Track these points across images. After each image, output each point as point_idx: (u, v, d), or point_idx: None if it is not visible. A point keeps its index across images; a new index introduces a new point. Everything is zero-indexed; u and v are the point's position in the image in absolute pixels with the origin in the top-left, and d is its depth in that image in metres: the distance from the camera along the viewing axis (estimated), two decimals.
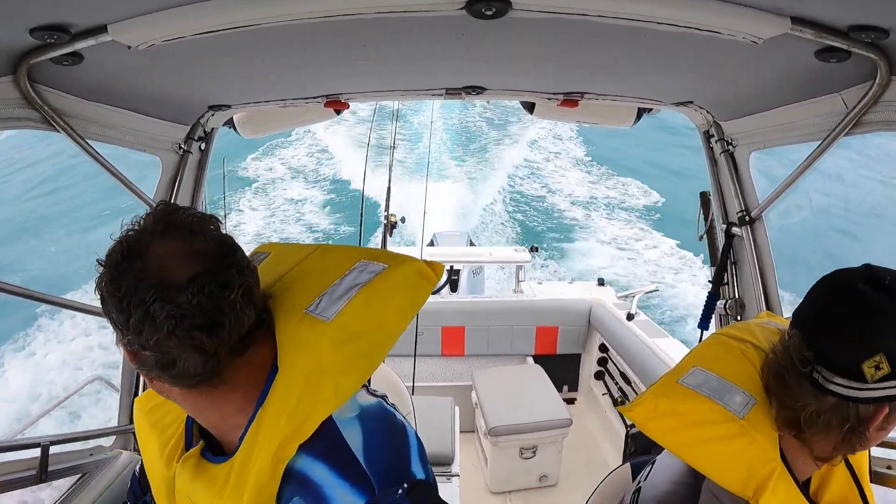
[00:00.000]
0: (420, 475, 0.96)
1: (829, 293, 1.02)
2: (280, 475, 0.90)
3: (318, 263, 1.10)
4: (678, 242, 14.46)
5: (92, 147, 1.82)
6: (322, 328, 0.95)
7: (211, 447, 1.03)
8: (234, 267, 0.88)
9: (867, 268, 1.00)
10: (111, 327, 0.90)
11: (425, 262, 1.08)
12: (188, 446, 1.05)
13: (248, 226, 15.51)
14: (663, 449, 1.23)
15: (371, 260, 1.06)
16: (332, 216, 16.14)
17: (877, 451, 1.03)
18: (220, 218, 0.96)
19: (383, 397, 1.10)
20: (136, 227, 0.89)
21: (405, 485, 0.92)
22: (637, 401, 1.20)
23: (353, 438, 0.95)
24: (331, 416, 0.94)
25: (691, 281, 13.01)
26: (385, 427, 1.01)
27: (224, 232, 0.94)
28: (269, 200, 17.32)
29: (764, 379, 1.10)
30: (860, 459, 1.15)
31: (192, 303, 0.83)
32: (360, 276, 1.02)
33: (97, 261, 0.89)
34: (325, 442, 0.93)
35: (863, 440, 1.01)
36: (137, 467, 1.30)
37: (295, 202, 17.17)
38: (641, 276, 13.47)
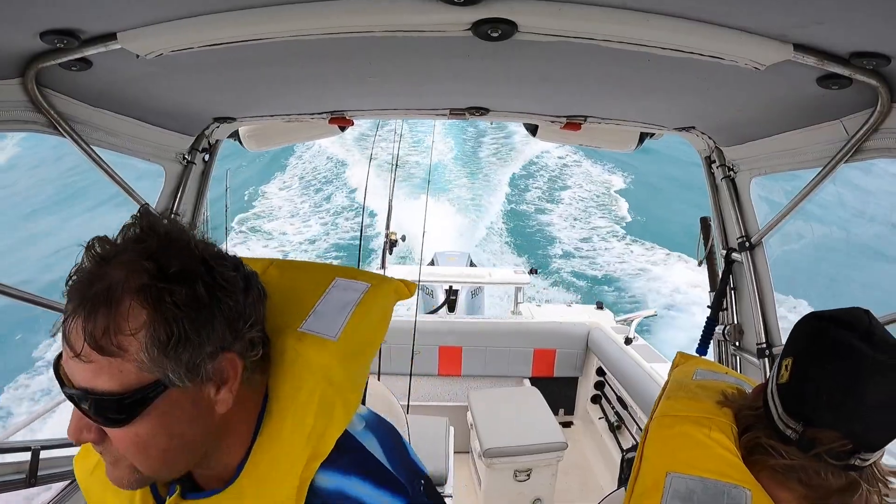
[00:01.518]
0: (424, 469, 1.01)
1: (840, 375, 0.91)
2: (304, 495, 0.86)
3: (283, 280, 1.05)
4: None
5: (96, 153, 1.83)
6: (331, 347, 0.94)
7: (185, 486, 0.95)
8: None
9: (850, 321, 0.92)
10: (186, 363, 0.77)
11: (401, 280, 1.14)
12: (157, 495, 0.95)
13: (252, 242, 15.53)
14: None
15: (347, 278, 1.07)
16: (333, 232, 16.12)
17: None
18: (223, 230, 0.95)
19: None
20: (144, 232, 0.78)
21: (421, 480, 0.96)
22: None
23: (374, 448, 0.95)
24: (346, 431, 0.93)
25: None
26: (387, 431, 1.02)
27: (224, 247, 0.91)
28: (268, 211, 17.33)
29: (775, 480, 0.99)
30: None
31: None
32: (347, 294, 1.03)
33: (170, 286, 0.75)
34: (352, 455, 0.92)
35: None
36: None
37: (295, 216, 17.19)
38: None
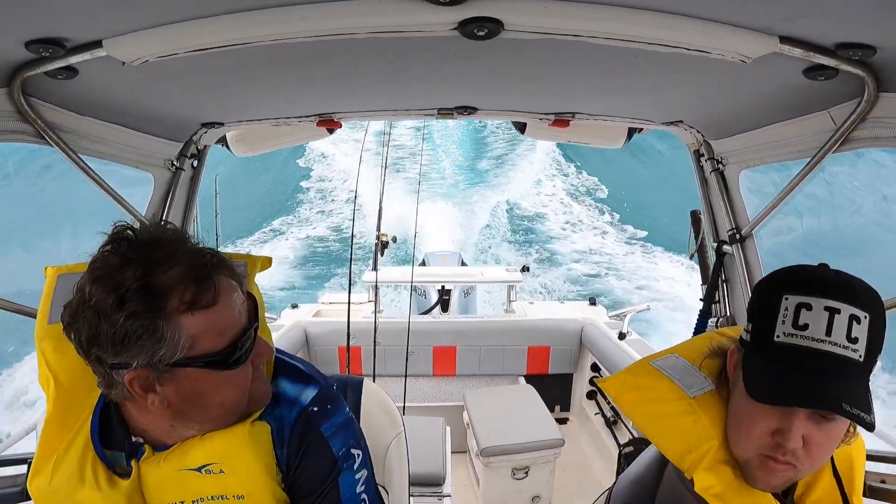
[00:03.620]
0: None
1: None
2: None
3: None
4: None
5: (84, 162, 1.81)
6: None
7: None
8: None
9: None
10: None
11: None
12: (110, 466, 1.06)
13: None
14: None
15: None
16: (329, 230, 16.08)
17: (871, 466, 0.99)
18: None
19: None
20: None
21: (334, 384, 1.22)
22: (613, 375, 1.28)
23: (290, 358, 1.23)
24: None
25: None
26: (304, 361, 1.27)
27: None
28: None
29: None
30: (852, 472, 1.16)
31: None
32: None
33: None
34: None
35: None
36: None
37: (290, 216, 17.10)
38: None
